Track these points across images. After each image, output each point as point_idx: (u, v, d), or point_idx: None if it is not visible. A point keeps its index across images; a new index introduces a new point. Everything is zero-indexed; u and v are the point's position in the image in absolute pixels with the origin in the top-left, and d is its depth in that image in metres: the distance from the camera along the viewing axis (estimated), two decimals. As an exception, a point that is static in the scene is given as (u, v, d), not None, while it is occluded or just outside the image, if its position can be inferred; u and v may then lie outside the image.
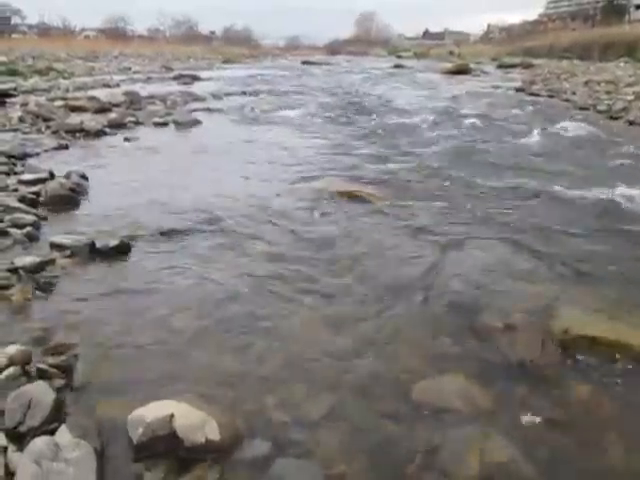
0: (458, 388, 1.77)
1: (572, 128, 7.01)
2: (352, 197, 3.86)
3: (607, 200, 3.85)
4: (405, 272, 2.69)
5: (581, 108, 9.60)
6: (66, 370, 1.78)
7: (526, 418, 1.64)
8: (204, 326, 2.14)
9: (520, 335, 2.02)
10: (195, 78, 16.02)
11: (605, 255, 2.89)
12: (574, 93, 11.61)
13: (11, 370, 1.72)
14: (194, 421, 1.49)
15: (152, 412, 1.50)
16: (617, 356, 1.91)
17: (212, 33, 62.56)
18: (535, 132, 6.69)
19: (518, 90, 13.55)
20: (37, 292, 2.36)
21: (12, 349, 1.78)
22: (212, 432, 1.48)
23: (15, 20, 48.02)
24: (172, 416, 1.48)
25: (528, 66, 23.19)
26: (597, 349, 1.94)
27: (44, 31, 39.78)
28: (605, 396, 1.76)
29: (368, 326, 2.16)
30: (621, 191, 4.00)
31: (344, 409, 1.68)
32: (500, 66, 25.70)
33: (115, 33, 44.23)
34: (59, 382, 1.72)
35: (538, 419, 1.64)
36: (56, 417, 1.51)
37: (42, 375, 1.72)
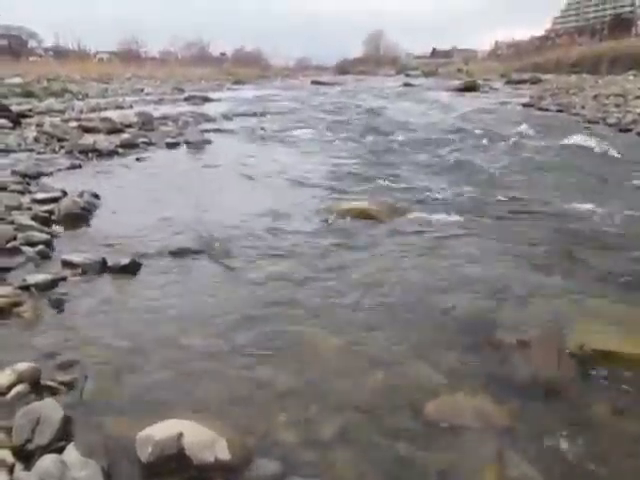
0: (473, 405, 1.73)
1: (581, 141, 6.97)
2: (361, 215, 3.81)
3: (621, 213, 3.80)
4: (416, 288, 2.66)
5: (590, 122, 9.57)
6: (75, 388, 1.78)
7: (543, 436, 1.59)
8: (214, 345, 2.12)
9: (535, 351, 1.98)
10: (206, 99, 16.23)
11: (619, 268, 2.83)
12: (583, 107, 11.60)
13: (20, 387, 1.71)
14: (203, 440, 1.47)
15: (161, 431, 1.48)
16: (635, 370, 1.86)
17: (223, 55, 63.73)
18: (543, 146, 6.66)
19: (527, 105, 13.57)
20: (48, 309, 2.37)
21: (22, 366, 1.77)
22: (222, 451, 1.45)
23: (31, 44, 49.39)
24: (181, 435, 1.46)
25: (537, 82, 23.26)
26: (614, 363, 1.89)
27: (59, 54, 40.72)
28: (624, 412, 1.70)
29: (380, 343, 2.13)
30: (637, 204, 3.95)
31: (356, 428, 1.64)
32: (509, 82, 25.80)
33: (128, 55, 45.13)
34: (68, 400, 1.70)
35: (555, 437, 1.59)
36: (64, 435, 1.49)
37: (51, 392, 1.72)
